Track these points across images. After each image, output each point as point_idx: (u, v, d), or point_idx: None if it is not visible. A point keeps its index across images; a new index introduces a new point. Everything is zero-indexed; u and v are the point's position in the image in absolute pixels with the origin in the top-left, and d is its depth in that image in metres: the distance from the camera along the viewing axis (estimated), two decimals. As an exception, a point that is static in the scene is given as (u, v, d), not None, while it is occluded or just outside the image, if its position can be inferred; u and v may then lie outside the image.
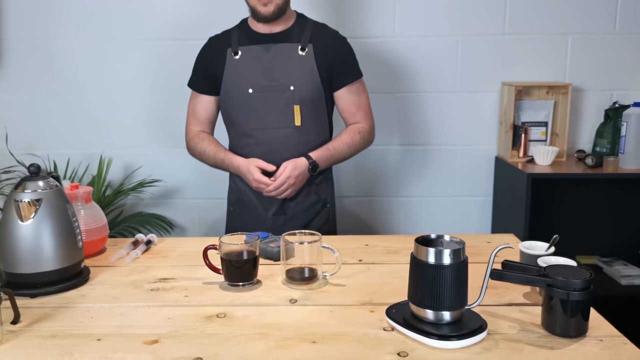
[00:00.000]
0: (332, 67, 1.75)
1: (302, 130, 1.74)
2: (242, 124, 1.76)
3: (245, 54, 1.75)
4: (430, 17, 2.41)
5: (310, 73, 1.72)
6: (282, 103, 1.72)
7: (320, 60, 1.73)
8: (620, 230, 2.49)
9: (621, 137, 2.26)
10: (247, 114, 1.75)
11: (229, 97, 1.77)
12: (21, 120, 2.50)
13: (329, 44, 1.76)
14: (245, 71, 1.73)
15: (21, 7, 2.43)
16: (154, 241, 1.55)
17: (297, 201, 1.79)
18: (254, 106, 1.73)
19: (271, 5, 1.67)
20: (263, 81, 1.72)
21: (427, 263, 0.99)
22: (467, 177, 2.57)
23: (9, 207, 1.21)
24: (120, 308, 1.15)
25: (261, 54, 1.74)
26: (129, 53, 2.45)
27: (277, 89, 1.71)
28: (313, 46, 1.73)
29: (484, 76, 2.47)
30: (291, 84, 1.71)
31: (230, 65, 1.75)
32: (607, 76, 2.45)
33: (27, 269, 1.21)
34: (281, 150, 1.74)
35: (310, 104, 1.74)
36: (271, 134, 1.74)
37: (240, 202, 1.86)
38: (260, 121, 1.74)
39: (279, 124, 1.73)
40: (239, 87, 1.73)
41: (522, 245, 1.25)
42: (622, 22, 2.40)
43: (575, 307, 0.99)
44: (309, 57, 1.73)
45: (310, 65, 1.73)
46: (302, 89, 1.72)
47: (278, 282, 1.27)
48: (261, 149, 1.75)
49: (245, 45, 1.76)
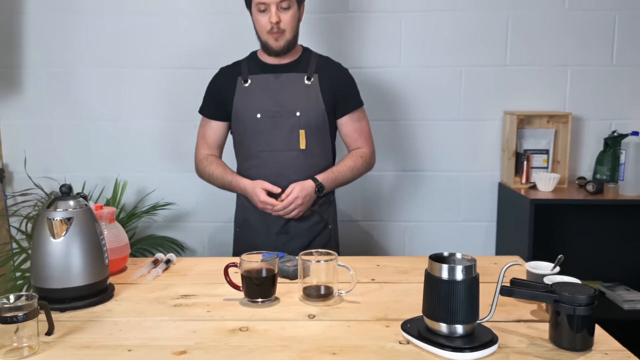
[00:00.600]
0: (336, 96, 1.88)
1: (306, 153, 1.84)
2: (251, 146, 1.86)
3: (255, 82, 1.87)
4: (435, 48, 2.51)
5: (315, 100, 1.84)
6: (288, 127, 1.83)
7: (325, 90, 1.86)
8: (621, 256, 2.55)
9: (620, 164, 2.34)
10: (255, 137, 1.85)
11: (239, 121, 1.88)
12: (39, 144, 2.58)
13: (333, 75, 1.89)
14: (255, 97, 1.85)
15: (41, 35, 2.53)
16: (173, 260, 1.61)
17: (300, 221, 1.87)
18: (262, 130, 1.84)
19: (282, 41, 1.80)
20: (271, 106, 1.83)
21: (441, 279, 1.05)
22: (471, 203, 2.63)
23: (41, 225, 1.28)
24: (146, 322, 1.20)
25: (269, 82, 1.86)
26: (143, 80, 2.55)
27: (283, 114, 1.83)
28: (318, 76, 1.87)
29: (487, 105, 2.56)
30: (297, 110, 1.82)
31: (241, 92, 1.87)
32: (605, 106, 2.54)
33: (57, 284, 1.27)
34: (287, 172, 1.83)
35: (315, 129, 1.85)
36: (277, 157, 1.84)
37: (246, 221, 1.94)
38: (267, 144, 1.84)
39: (285, 147, 1.83)
40: (248, 112, 1.85)
41: (529, 265, 1.32)
42: (619, 54, 2.51)
43: (580, 322, 1.05)
44: (314, 86, 1.85)
45: (315, 93, 1.84)
46: (307, 115, 1.83)
47: (295, 298, 1.33)
48: (268, 170, 1.84)
49: (255, 74, 1.88)
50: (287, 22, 1.78)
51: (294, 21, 1.81)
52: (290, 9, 1.78)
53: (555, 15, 2.49)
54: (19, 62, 2.54)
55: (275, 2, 1.74)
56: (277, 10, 1.76)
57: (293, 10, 1.79)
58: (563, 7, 2.48)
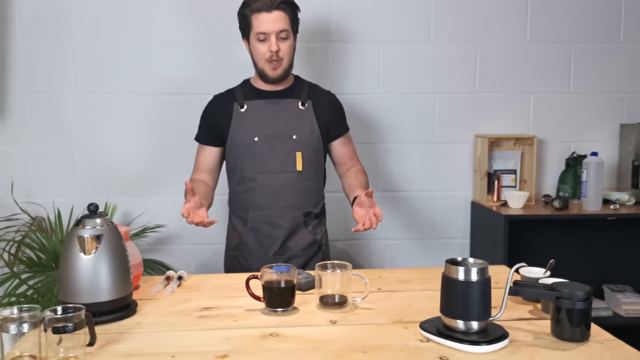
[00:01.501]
0: (329, 121, 2.01)
1: (302, 174, 1.93)
2: (247, 169, 1.93)
3: (251, 107, 1.96)
4: (410, 76, 2.69)
5: (310, 125, 1.96)
6: (285, 150, 1.92)
7: (318, 115, 1.98)
8: (585, 267, 2.76)
9: (582, 182, 2.56)
10: (252, 160, 1.92)
11: (236, 145, 1.94)
12: (25, 170, 2.58)
13: (325, 102, 2.02)
14: (252, 121, 1.93)
15: (26, 62, 2.56)
16: (184, 277, 1.67)
17: (295, 242, 1.96)
18: (259, 152, 1.92)
19: (280, 69, 1.91)
20: (268, 131, 1.92)
21: (458, 280, 1.17)
22: (446, 221, 2.80)
23: (70, 242, 1.33)
24: (178, 332, 1.27)
25: (266, 107, 1.96)
26: (130, 106, 2.60)
27: (280, 137, 1.92)
28: (311, 102, 1.99)
29: (459, 129, 2.74)
30: (294, 133, 1.93)
31: (237, 117, 1.95)
32: (565, 129, 2.78)
33: (86, 299, 1.31)
34: (283, 192, 1.92)
35: (310, 151, 1.95)
36: (274, 178, 1.92)
37: (241, 244, 1.98)
38: (264, 166, 1.92)
39: (282, 169, 1.92)
40: (246, 136, 1.92)
41: (523, 270, 1.46)
42: (576, 82, 2.76)
43: (579, 315, 1.19)
44: (308, 111, 1.97)
45: (310, 118, 1.96)
46: (303, 138, 1.93)
47: (312, 307, 1.42)
48: (264, 191, 1.92)
49: (251, 99, 1.97)
50: (285, 51, 1.89)
51: (291, 51, 1.92)
52: (289, 39, 1.89)
53: (519, 47, 2.72)
54: (3, 88, 2.55)
55: (275, 33, 1.85)
56: (276, 40, 1.86)
57: (290, 40, 1.90)
58: (525, 40, 2.72)
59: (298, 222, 1.95)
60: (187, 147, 2.61)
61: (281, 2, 1.85)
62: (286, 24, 1.87)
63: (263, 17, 1.84)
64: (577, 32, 2.73)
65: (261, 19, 1.85)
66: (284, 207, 1.93)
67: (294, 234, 1.95)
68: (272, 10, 1.84)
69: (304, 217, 1.96)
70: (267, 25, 1.84)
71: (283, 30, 1.86)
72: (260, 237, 1.94)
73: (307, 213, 1.96)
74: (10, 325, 1.11)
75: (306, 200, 1.96)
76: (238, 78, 2.06)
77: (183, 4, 2.58)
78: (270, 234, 1.94)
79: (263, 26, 1.85)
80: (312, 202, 1.98)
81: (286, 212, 1.93)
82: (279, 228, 1.93)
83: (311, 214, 1.98)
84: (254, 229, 1.95)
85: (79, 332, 1.10)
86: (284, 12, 1.86)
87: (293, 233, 1.95)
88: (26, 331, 1.12)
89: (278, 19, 1.85)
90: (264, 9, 1.84)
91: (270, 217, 1.92)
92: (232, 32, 2.55)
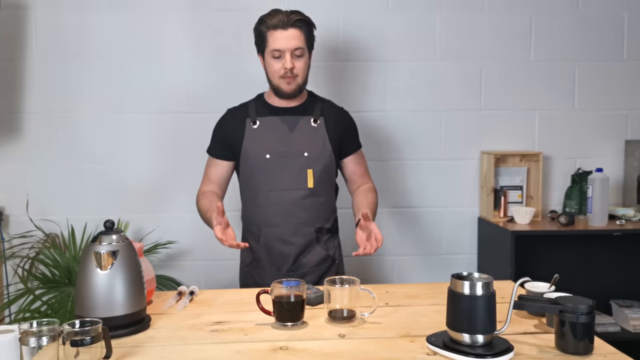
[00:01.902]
0: (342, 138, 2.02)
1: (314, 191, 1.94)
2: (259, 185, 1.94)
3: (264, 124, 1.97)
4: (416, 94, 2.74)
5: (322, 142, 1.97)
6: (296, 167, 1.93)
7: (330, 132, 1.99)
8: (592, 282, 2.77)
9: (588, 198, 2.58)
10: (264, 177, 1.93)
11: (248, 161, 1.96)
12: (40, 187, 2.64)
13: (338, 118, 2.04)
14: (264, 138, 1.95)
15: (42, 81, 2.63)
16: (196, 292, 1.71)
17: (309, 258, 1.96)
18: (271, 169, 1.93)
19: (294, 85, 1.92)
20: (280, 147, 1.94)
21: (463, 294, 1.20)
22: (453, 237, 2.82)
23: (87, 258, 1.37)
24: (192, 345, 1.30)
25: (278, 124, 1.97)
26: (143, 124, 2.67)
27: (292, 154, 1.93)
28: (324, 119, 2.00)
29: (465, 146, 2.78)
30: (305, 150, 1.94)
31: (250, 133, 1.96)
32: (570, 146, 2.81)
33: (102, 314, 1.35)
34: (294, 209, 1.93)
35: (322, 168, 1.96)
36: (286, 195, 1.93)
37: (255, 261, 1.99)
38: (276, 183, 1.93)
39: (294, 186, 1.93)
40: (258, 152, 1.94)
41: (528, 285, 1.49)
42: (580, 100, 2.80)
43: (582, 328, 1.21)
44: (320, 128, 1.98)
45: (322, 135, 1.98)
46: (315, 155, 1.95)
47: (321, 321, 1.45)
48: (276, 208, 1.93)
49: (263, 116, 1.98)
50: (300, 68, 1.90)
51: (306, 67, 1.94)
52: (303, 57, 1.91)
53: (523, 65, 2.77)
54: (20, 107, 2.62)
55: (290, 50, 1.87)
56: (291, 57, 1.87)
57: (305, 57, 1.92)
58: (529, 58, 2.77)
59: (310, 238, 1.95)
60: (198, 164, 2.65)
61: (297, 20, 1.88)
62: (301, 41, 1.89)
63: (278, 35, 1.86)
64: (580, 50, 2.77)
65: (277, 36, 1.87)
66: (296, 224, 1.93)
67: (307, 251, 1.96)
68: (288, 28, 1.86)
69: (315, 233, 1.96)
70: (282, 42, 1.86)
71: (298, 48, 1.88)
72: (273, 254, 1.95)
73: (319, 229, 1.97)
74: (29, 339, 1.16)
75: (318, 216, 1.97)
76: (248, 96, 2.11)
77: (195, 25, 2.65)
78: (283, 251, 1.94)
79: (278, 43, 1.87)
80: (323, 217, 1.99)
81: (298, 229, 1.94)
82: (291, 245, 1.94)
83: (323, 229, 1.98)
84: (267, 245, 1.95)
85: (96, 345, 1.14)
86: (300, 29, 1.88)
87: (306, 250, 1.96)
88: (45, 344, 1.17)
89: (293, 37, 1.87)
90: (280, 27, 1.86)
91: (282, 234, 1.93)
92: (244, 52, 2.64)
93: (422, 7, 2.71)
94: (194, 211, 2.00)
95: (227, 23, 2.65)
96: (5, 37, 2.55)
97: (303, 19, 1.90)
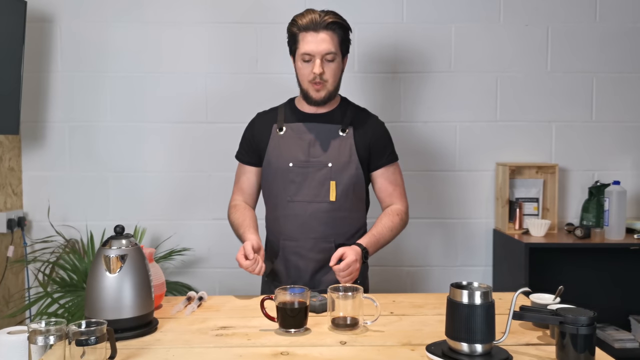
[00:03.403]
0: (371, 149, 1.89)
1: (336, 205, 1.83)
2: (280, 195, 1.86)
3: (289, 130, 1.88)
4: (431, 105, 2.75)
5: (348, 153, 1.85)
6: (319, 178, 1.83)
7: (359, 142, 1.87)
8: (609, 297, 2.72)
9: (605, 211, 2.55)
10: (286, 187, 1.85)
11: (270, 170, 1.88)
12: (61, 194, 2.73)
13: (369, 128, 1.90)
14: (287, 146, 1.86)
15: (65, 92, 2.72)
16: (205, 298, 1.74)
17: (327, 276, 1.83)
18: (293, 179, 1.84)
19: (324, 91, 1.82)
20: (303, 157, 1.84)
21: (462, 303, 1.21)
22: (468, 248, 2.81)
23: (97, 262, 1.42)
24: (195, 349, 1.33)
25: (303, 132, 1.87)
26: (161, 134, 2.73)
27: (315, 164, 1.84)
28: (353, 129, 1.88)
29: (480, 157, 2.78)
30: (329, 161, 1.83)
31: (274, 139, 1.88)
32: (588, 158, 2.78)
33: (110, 316, 1.39)
34: (314, 223, 1.83)
35: (347, 181, 1.84)
36: (306, 207, 1.83)
37: (273, 272, 1.91)
38: (297, 194, 1.84)
39: (315, 198, 1.83)
40: (280, 161, 1.86)
41: (533, 296, 1.49)
42: (598, 111, 2.77)
43: (583, 340, 1.20)
44: (348, 138, 1.86)
45: (349, 145, 1.86)
46: (339, 167, 1.83)
47: (324, 328, 1.47)
48: (296, 220, 1.84)
49: (291, 122, 1.89)
50: (330, 73, 1.80)
51: (337, 73, 1.83)
52: (335, 61, 1.80)
53: (539, 76, 2.76)
54: (44, 116, 2.71)
55: (320, 54, 1.77)
56: (321, 61, 1.78)
57: (337, 62, 1.81)
58: (546, 69, 2.76)
59: (329, 255, 1.76)
60: (215, 173, 2.73)
61: (330, 22, 1.77)
62: (333, 45, 1.78)
63: (309, 37, 1.77)
64: (598, 62, 2.75)
65: (308, 38, 1.77)
66: (314, 239, 1.84)
67: (325, 268, 1.84)
68: (320, 31, 1.76)
69: (336, 249, 1.78)
70: (312, 45, 1.77)
71: (329, 53, 1.78)
72: (290, 267, 1.87)
73: (340, 245, 1.81)
74: (38, 338, 1.20)
75: (338, 232, 1.85)
76: (265, 106, 2.11)
77: (212, 37, 2.72)
78: (299, 266, 1.86)
79: (308, 46, 1.77)
80: (346, 233, 1.87)
81: (316, 244, 1.84)
82: (308, 260, 1.85)
83: (345, 245, 1.80)
84: (285, 258, 1.87)
85: (101, 345, 1.18)
86: (333, 32, 1.78)
87: (324, 267, 1.84)
88: (52, 343, 1.20)
89: (324, 40, 1.77)
90: (311, 29, 1.77)
91: (299, 248, 1.84)
92: (260, 64, 2.69)
93: (437, 18, 2.73)
94: (210, 219, 2.05)
95: (246, 35, 2.71)
96: (32, 50, 2.64)
97: (337, 21, 1.79)
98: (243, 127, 2.00)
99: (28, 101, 2.67)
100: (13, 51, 2.43)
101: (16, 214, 2.61)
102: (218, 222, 2.67)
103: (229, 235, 2.02)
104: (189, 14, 2.71)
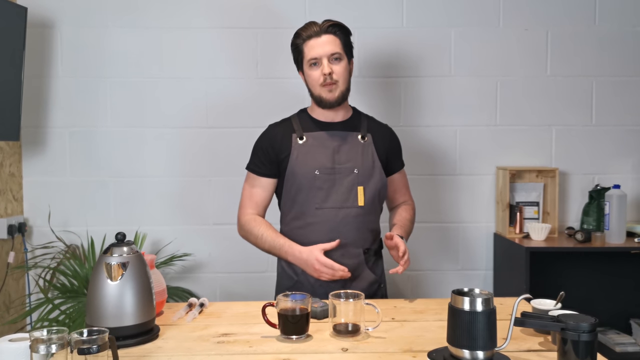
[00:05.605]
0: (388, 155, 1.97)
1: (364, 209, 1.87)
2: (307, 203, 1.86)
3: (311, 139, 1.89)
4: (431, 110, 2.76)
5: (371, 158, 1.91)
6: (347, 184, 1.86)
7: (379, 149, 1.93)
8: (610, 301, 2.72)
9: (605, 215, 2.55)
10: (313, 194, 1.85)
11: (295, 179, 1.86)
12: (62, 200, 2.73)
13: (384, 135, 1.98)
14: (312, 154, 1.87)
15: (65, 97, 2.72)
16: (206, 304, 1.74)
17: (357, 282, 1.86)
18: (320, 186, 1.85)
19: (336, 92, 1.85)
20: (329, 163, 1.86)
21: (463, 310, 1.21)
22: (469, 252, 2.81)
23: (98, 269, 1.42)
24: (197, 356, 1.33)
25: (326, 139, 1.89)
26: (162, 139, 2.73)
27: (342, 171, 1.86)
28: (371, 136, 1.94)
29: (481, 161, 2.78)
30: (355, 167, 1.87)
31: (296, 149, 1.88)
32: (588, 162, 2.78)
33: (112, 323, 1.39)
34: (344, 229, 1.84)
35: (372, 186, 1.89)
36: (336, 213, 1.85)
37: (299, 284, 1.88)
38: (325, 201, 1.85)
39: (344, 204, 1.85)
40: (306, 169, 1.85)
41: (534, 302, 1.49)
42: (598, 115, 2.77)
43: (584, 347, 1.20)
44: (369, 145, 1.92)
45: (371, 151, 1.91)
46: (365, 172, 1.88)
47: (326, 335, 1.47)
48: (324, 227, 1.84)
49: (310, 131, 1.91)
50: (339, 73, 1.84)
51: (346, 74, 1.87)
52: (342, 61, 1.85)
53: (539, 80, 2.76)
54: (45, 122, 2.71)
55: (326, 55, 1.82)
56: (329, 62, 1.83)
57: (344, 62, 1.86)
58: (545, 73, 2.76)
59: (359, 260, 1.86)
60: (215, 178, 2.73)
61: (330, 25, 1.85)
62: (337, 46, 1.84)
63: (313, 43, 1.84)
64: (598, 65, 2.76)
65: (312, 44, 1.84)
66: (344, 245, 1.84)
67: (356, 275, 1.86)
68: (322, 35, 1.83)
69: (364, 254, 1.88)
70: (317, 49, 1.83)
71: (335, 53, 1.83)
72: (316, 280, 1.83)
73: (367, 250, 1.89)
74: (39, 346, 1.19)
75: (366, 237, 1.89)
76: (266, 113, 2.12)
77: (211, 42, 2.72)
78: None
79: (314, 51, 1.83)
80: (371, 238, 1.92)
81: (347, 251, 1.85)
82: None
83: (370, 250, 1.90)
84: None
85: (103, 353, 1.18)
86: (335, 35, 1.85)
87: (354, 273, 1.86)
88: (54, 352, 1.20)
89: (328, 42, 1.83)
90: (314, 35, 1.84)
91: (330, 256, 1.80)
92: (260, 69, 2.69)
93: (437, 22, 2.73)
94: (210, 224, 2.03)
95: (247, 40, 2.71)
96: (33, 55, 2.65)
97: (336, 24, 1.87)
98: (244, 132, 1.99)
99: (28, 107, 2.67)
100: (13, 57, 2.43)
101: (17, 220, 2.61)
102: (218, 227, 2.68)
103: (229, 240, 2.00)
104: (189, 19, 2.71)
